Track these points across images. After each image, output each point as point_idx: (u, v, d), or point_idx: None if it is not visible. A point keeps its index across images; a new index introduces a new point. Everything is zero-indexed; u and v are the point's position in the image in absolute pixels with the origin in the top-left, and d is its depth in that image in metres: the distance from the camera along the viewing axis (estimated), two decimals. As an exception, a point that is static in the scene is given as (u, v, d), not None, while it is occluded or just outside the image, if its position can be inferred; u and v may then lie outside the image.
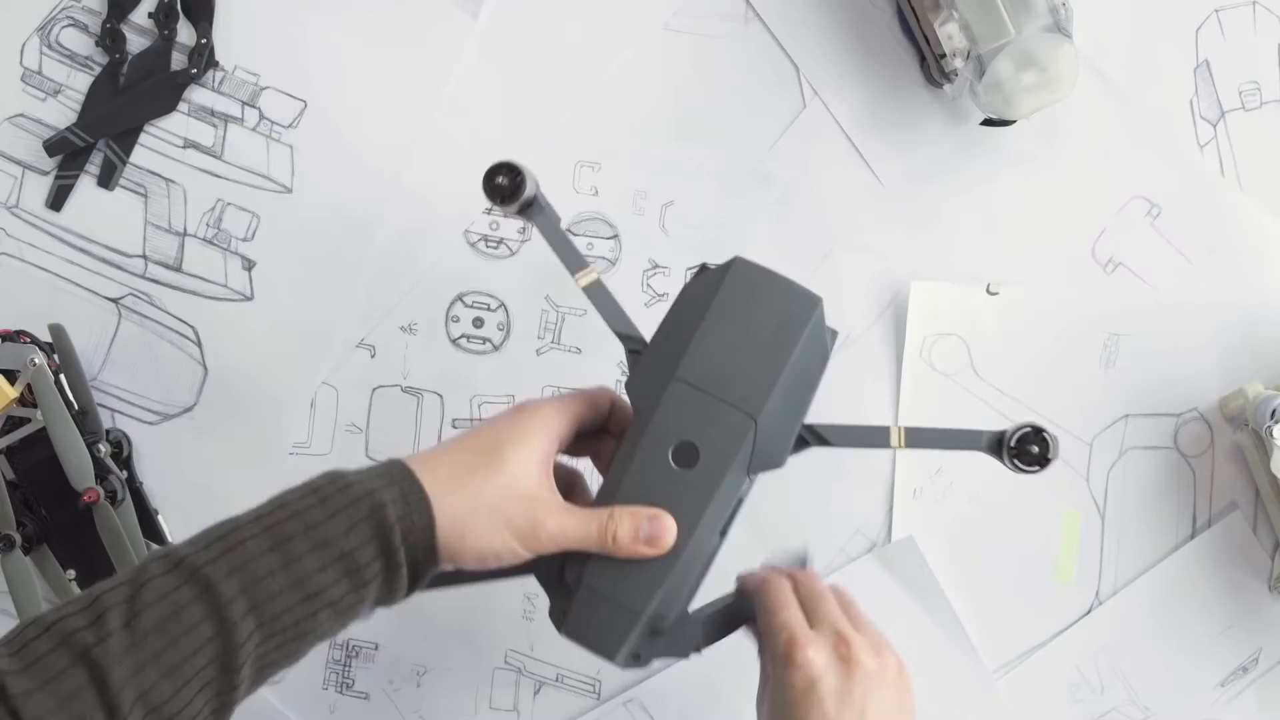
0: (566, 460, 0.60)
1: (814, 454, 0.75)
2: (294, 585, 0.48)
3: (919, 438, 0.58)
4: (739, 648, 0.58)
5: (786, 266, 0.75)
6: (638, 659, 0.56)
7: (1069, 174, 0.76)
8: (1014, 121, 0.74)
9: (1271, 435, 0.69)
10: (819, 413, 0.76)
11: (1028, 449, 0.56)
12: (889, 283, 0.76)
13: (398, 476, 0.52)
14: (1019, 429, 0.56)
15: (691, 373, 0.55)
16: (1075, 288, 0.76)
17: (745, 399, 0.55)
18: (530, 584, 0.75)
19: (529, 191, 0.58)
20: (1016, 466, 0.57)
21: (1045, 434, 0.56)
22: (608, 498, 0.55)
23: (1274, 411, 0.69)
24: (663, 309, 0.75)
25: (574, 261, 0.59)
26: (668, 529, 0.54)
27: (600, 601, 0.54)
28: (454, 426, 0.76)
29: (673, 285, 0.76)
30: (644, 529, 0.53)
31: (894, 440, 0.58)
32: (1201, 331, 0.75)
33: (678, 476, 0.54)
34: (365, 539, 0.50)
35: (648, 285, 0.76)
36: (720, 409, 0.55)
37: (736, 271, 0.57)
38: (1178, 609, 0.75)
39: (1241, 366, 0.75)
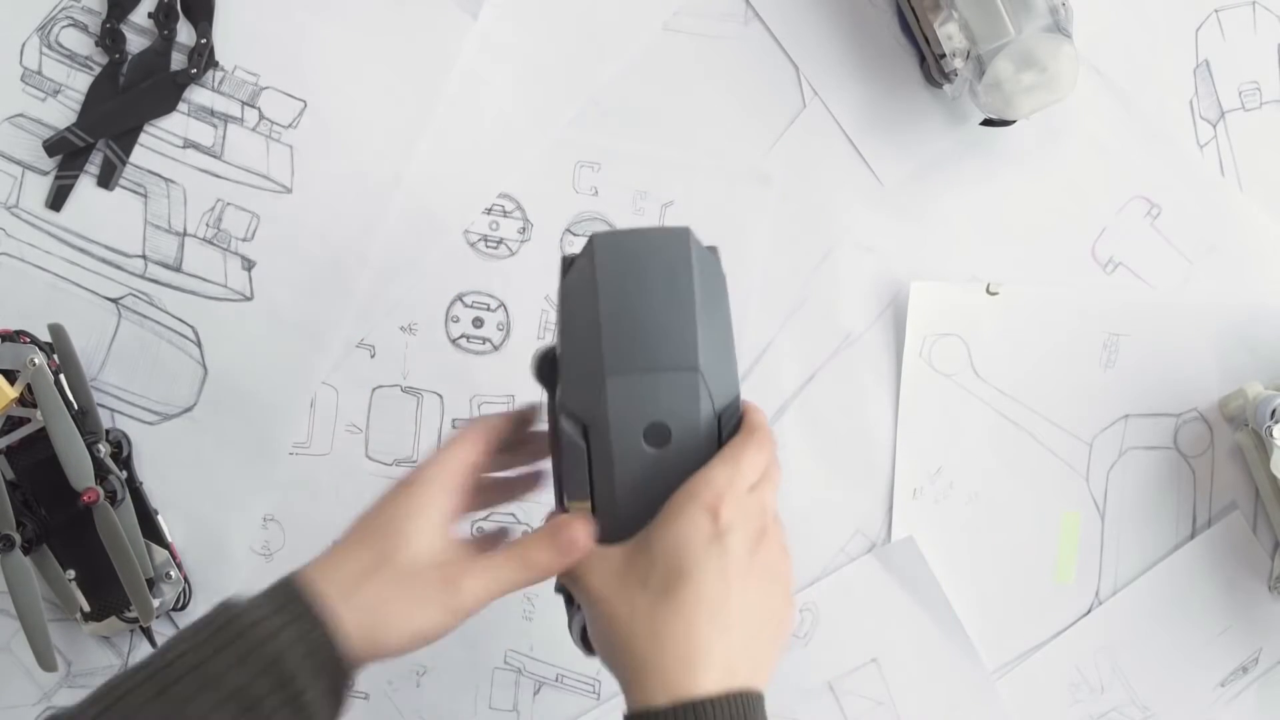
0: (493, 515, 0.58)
1: (815, 453, 0.75)
2: None
3: None
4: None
5: (787, 266, 0.76)
6: None
7: (1069, 174, 0.76)
8: (1014, 121, 0.74)
9: (1271, 435, 0.69)
10: (820, 410, 0.76)
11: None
12: (889, 283, 0.76)
13: (293, 606, 0.49)
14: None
15: (618, 363, 0.54)
16: (1075, 288, 0.76)
17: (679, 357, 0.54)
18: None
19: None
20: None
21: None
22: (608, 501, 0.54)
23: (1274, 411, 0.69)
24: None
25: None
26: (580, 530, 0.53)
27: None
28: (454, 426, 0.76)
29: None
30: (560, 543, 0.52)
31: None
32: (1201, 331, 0.75)
33: (660, 457, 0.54)
34: (257, 671, 0.47)
35: (648, 285, 0.76)
36: (663, 379, 0.54)
37: (600, 246, 0.55)
38: (1177, 609, 0.75)
39: (1241, 366, 0.75)
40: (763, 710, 0.51)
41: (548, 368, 0.56)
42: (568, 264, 0.56)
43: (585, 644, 0.57)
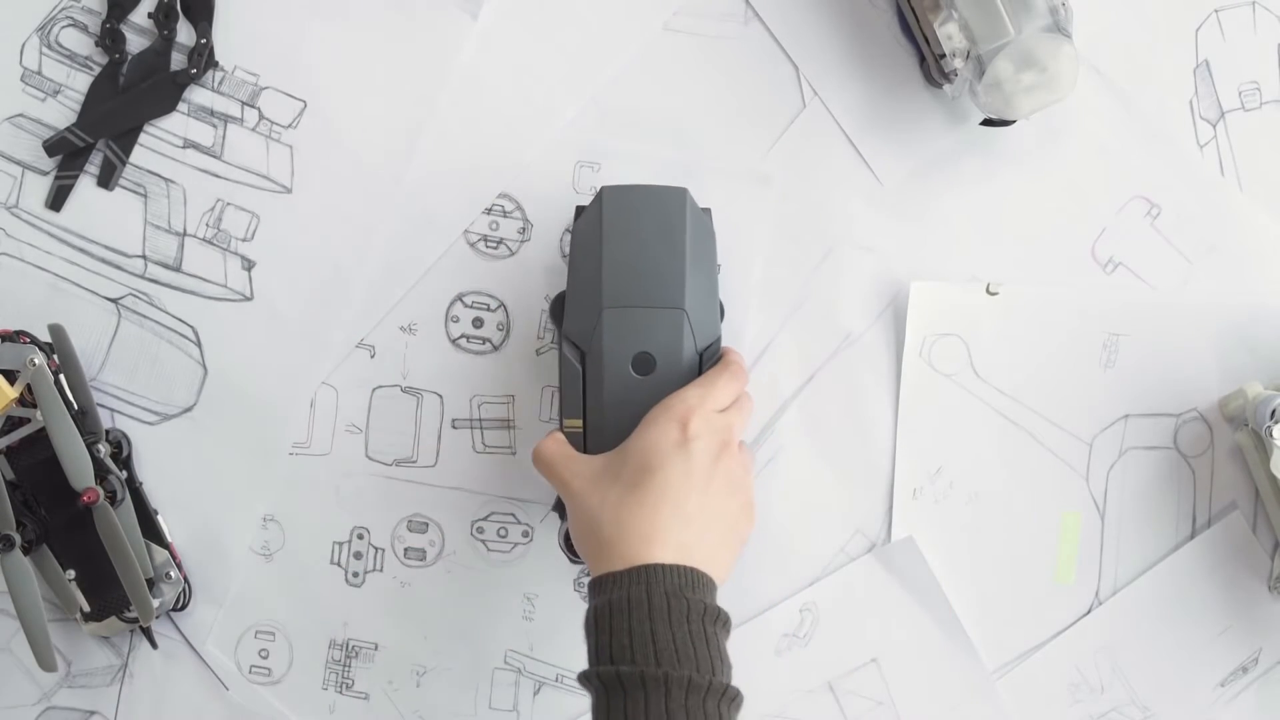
0: None
1: (815, 453, 0.75)
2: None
3: None
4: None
5: (787, 266, 0.76)
6: None
7: (1069, 174, 0.76)
8: (1014, 121, 0.74)
9: (1271, 435, 0.69)
10: (820, 410, 0.76)
11: None
12: (889, 283, 0.76)
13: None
14: None
15: (614, 297, 0.63)
16: (1075, 288, 0.76)
17: (668, 297, 0.63)
18: (530, 584, 0.76)
19: None
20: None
21: None
22: (597, 418, 0.63)
23: (1274, 411, 0.69)
24: (663, 309, 0.76)
25: None
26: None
27: None
28: (454, 427, 0.76)
29: (673, 285, 0.76)
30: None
31: None
32: (1201, 331, 0.75)
33: (645, 384, 0.63)
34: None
35: (648, 285, 0.76)
36: (653, 314, 0.63)
37: (608, 198, 0.64)
38: (1177, 609, 0.75)
39: (1241, 366, 0.75)
40: (713, 592, 0.57)
41: (559, 306, 0.65)
42: (580, 212, 0.65)
43: (569, 548, 0.65)
